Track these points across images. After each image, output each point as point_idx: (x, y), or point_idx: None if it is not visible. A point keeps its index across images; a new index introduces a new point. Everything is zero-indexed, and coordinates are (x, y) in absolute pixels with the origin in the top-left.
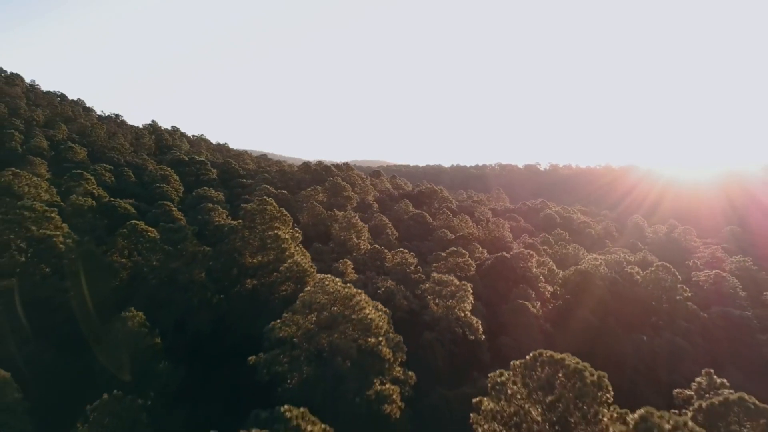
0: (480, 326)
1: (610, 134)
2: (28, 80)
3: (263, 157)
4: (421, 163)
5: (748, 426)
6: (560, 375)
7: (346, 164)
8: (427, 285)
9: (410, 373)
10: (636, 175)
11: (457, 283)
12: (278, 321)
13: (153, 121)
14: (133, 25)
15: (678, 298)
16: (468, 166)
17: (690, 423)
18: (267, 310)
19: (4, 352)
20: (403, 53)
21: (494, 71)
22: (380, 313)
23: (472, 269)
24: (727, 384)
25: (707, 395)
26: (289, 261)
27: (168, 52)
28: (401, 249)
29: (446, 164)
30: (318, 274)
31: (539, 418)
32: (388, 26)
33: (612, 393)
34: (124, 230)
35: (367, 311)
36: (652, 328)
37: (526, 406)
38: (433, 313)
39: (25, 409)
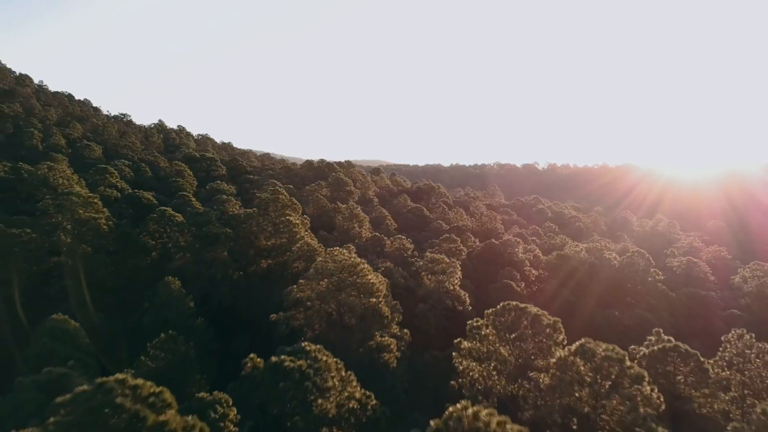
0: (467, 299)
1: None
2: (34, 80)
3: (266, 156)
4: (421, 163)
5: (682, 368)
6: (523, 319)
7: (348, 162)
8: (421, 263)
9: (405, 330)
10: (635, 174)
11: (447, 260)
12: (295, 285)
13: (160, 120)
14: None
15: (649, 279)
16: (467, 165)
17: (627, 361)
18: (281, 284)
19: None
20: (402, 53)
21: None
22: (380, 279)
23: (463, 254)
24: (673, 341)
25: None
26: (300, 242)
27: (167, 52)
28: (399, 236)
29: (446, 164)
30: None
31: (506, 353)
32: (387, 26)
33: (565, 336)
34: (155, 215)
35: (369, 277)
36: (624, 305)
37: (496, 344)
38: (427, 287)
39: (92, 351)
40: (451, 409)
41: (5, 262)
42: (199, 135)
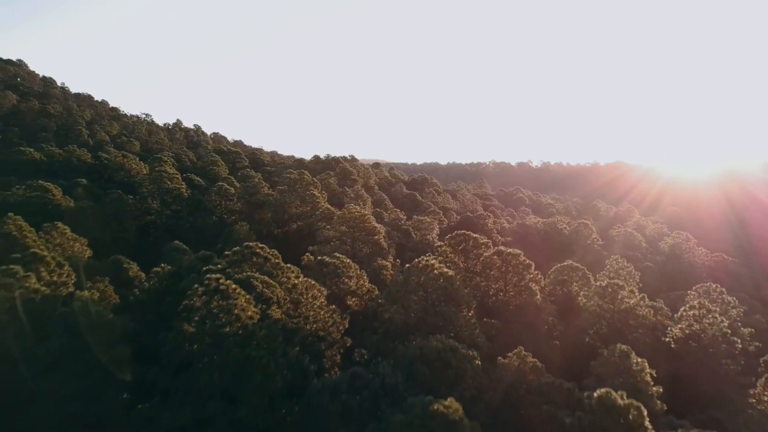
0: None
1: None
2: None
3: (274, 153)
4: (419, 161)
5: (577, 280)
6: (468, 241)
7: (352, 156)
8: (410, 222)
9: (398, 260)
10: (636, 173)
11: (429, 220)
12: (327, 225)
13: (178, 120)
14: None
15: (588, 242)
16: (463, 163)
17: (527, 261)
18: (308, 240)
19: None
20: (400, 53)
21: (490, 70)
22: (380, 226)
23: (444, 223)
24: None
25: None
26: (322, 208)
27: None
28: (395, 209)
29: (443, 162)
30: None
31: (457, 260)
32: (384, 27)
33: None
34: (215, 188)
35: (373, 223)
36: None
37: (450, 255)
38: (414, 240)
39: None
40: (415, 261)
41: (123, 217)
42: (212, 133)
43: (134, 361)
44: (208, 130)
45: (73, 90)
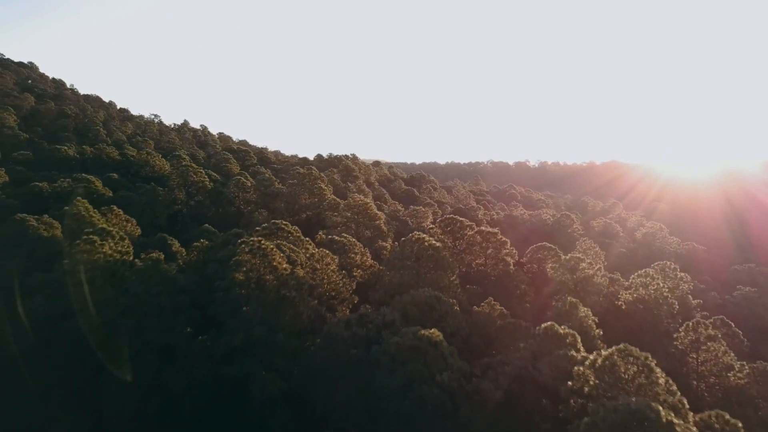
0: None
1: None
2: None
3: (277, 152)
4: (418, 161)
5: (550, 258)
6: (456, 223)
7: (354, 155)
8: (407, 212)
9: (396, 243)
10: (630, 172)
11: (424, 209)
12: (335, 213)
13: (185, 120)
14: (129, 25)
15: (569, 231)
16: (462, 163)
17: (503, 239)
18: (317, 227)
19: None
20: (398, 53)
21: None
22: (381, 213)
23: (439, 215)
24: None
25: None
26: (328, 199)
27: (165, 52)
28: (394, 202)
29: (441, 162)
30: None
31: (446, 240)
32: (384, 28)
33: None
34: (233, 181)
35: (374, 210)
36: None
37: (440, 235)
38: (410, 227)
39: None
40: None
41: (155, 205)
42: (218, 133)
43: (191, 306)
44: (211, 130)
45: (81, 91)
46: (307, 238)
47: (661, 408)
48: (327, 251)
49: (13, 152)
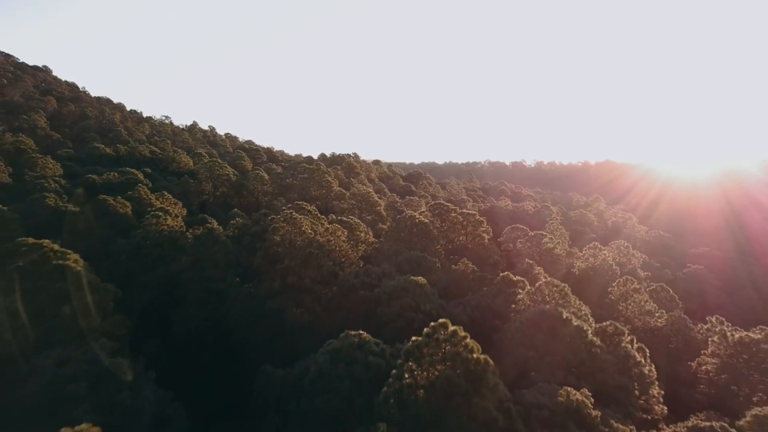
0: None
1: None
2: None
3: (281, 152)
4: (416, 161)
5: (529, 244)
6: (442, 208)
7: (355, 154)
8: (403, 201)
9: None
10: (627, 172)
11: (417, 199)
12: (341, 201)
13: (194, 122)
14: (129, 25)
15: (548, 221)
16: (459, 162)
17: (480, 218)
18: (325, 215)
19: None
20: (397, 54)
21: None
22: (381, 200)
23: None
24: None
25: None
26: (335, 190)
27: (165, 52)
28: (392, 194)
29: (439, 161)
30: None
31: (437, 224)
32: (384, 29)
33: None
34: (252, 175)
35: (375, 198)
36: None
37: (429, 218)
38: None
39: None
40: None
41: (188, 195)
42: (225, 134)
43: (237, 264)
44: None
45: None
46: (323, 216)
47: (564, 311)
48: (338, 226)
49: (51, 151)
